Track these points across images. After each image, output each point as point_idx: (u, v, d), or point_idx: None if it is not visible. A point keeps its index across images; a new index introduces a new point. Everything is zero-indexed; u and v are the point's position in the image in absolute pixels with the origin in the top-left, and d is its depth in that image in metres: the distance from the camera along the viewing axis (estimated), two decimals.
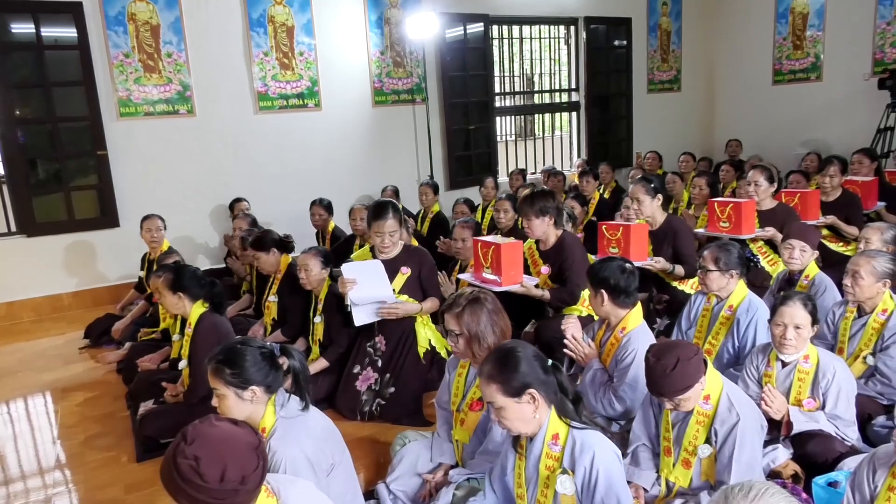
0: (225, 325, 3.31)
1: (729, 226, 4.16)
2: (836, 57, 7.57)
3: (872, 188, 4.88)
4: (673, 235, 3.94)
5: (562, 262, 3.63)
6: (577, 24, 7.97)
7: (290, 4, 6.10)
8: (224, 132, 5.98)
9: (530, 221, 3.66)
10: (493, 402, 1.91)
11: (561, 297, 3.60)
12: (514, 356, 1.93)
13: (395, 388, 3.43)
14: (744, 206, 4.11)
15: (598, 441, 1.91)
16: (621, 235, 3.81)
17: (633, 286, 2.85)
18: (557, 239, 3.71)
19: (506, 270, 3.41)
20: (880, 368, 2.87)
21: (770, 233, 4.16)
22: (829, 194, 4.74)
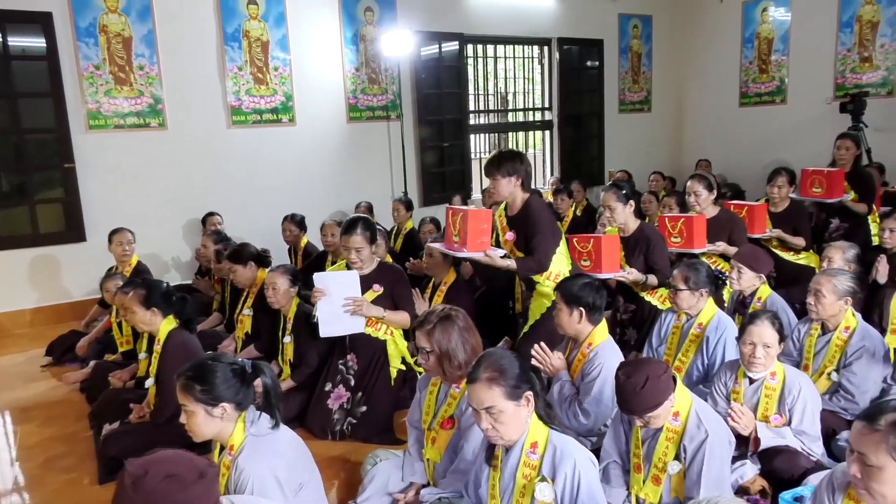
0: (194, 342, 3.25)
1: (681, 241, 4.15)
2: (799, 81, 7.80)
3: (838, 178, 4.88)
4: (645, 243, 3.88)
5: (528, 229, 3.45)
6: (551, 44, 8.10)
7: (265, 20, 6.09)
8: (196, 146, 5.92)
9: (497, 182, 3.49)
10: (493, 406, 1.90)
11: (528, 266, 3.43)
12: (510, 358, 1.97)
13: (366, 407, 3.39)
14: (695, 220, 4.12)
15: (576, 448, 1.94)
16: (592, 247, 3.73)
17: (604, 303, 2.93)
18: (524, 203, 3.52)
19: (471, 237, 3.30)
20: (844, 384, 2.94)
21: (721, 247, 4.20)
22: (777, 205, 4.79)
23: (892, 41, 6.88)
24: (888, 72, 6.95)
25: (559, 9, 7.97)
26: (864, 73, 7.16)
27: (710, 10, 8.60)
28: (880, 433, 1.60)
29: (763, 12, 8.07)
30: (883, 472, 1.60)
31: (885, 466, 1.59)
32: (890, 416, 1.61)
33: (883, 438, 1.59)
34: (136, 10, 5.53)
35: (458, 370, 2.34)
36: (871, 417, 1.64)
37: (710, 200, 4.37)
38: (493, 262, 3.38)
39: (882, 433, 1.60)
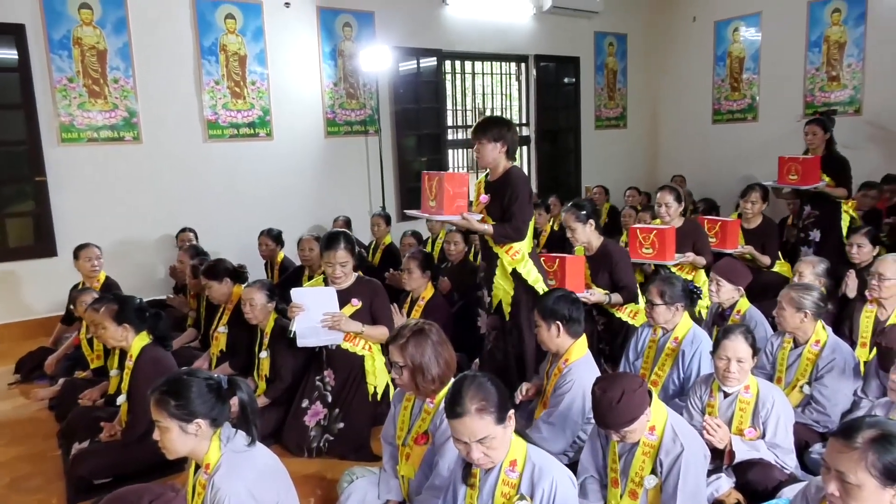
0: (168, 358, 3.20)
1: (652, 252, 4.20)
2: (770, 99, 7.98)
3: (814, 165, 4.94)
4: (609, 261, 3.92)
5: (507, 196, 3.43)
6: (528, 61, 8.19)
7: (243, 34, 6.08)
8: (172, 160, 5.87)
9: (482, 145, 3.46)
10: (487, 435, 1.86)
11: (505, 232, 3.42)
12: (485, 382, 1.94)
13: (344, 424, 3.36)
14: (666, 232, 4.17)
15: (555, 465, 1.94)
16: (557, 267, 3.75)
17: (582, 315, 2.95)
18: (505, 171, 3.50)
19: (448, 201, 3.29)
20: (815, 397, 2.98)
21: (690, 258, 4.26)
22: (750, 221, 4.88)
23: (858, 61, 7.08)
24: (855, 90, 7.14)
25: (536, 26, 8.07)
26: (832, 92, 7.35)
27: (683, 29, 8.78)
28: (858, 451, 1.60)
29: (734, 32, 8.25)
30: (862, 491, 1.59)
31: (863, 484, 1.59)
32: (867, 432, 1.61)
33: (861, 456, 1.59)
34: (112, 22, 5.49)
35: (431, 384, 2.33)
36: (848, 434, 1.63)
37: (678, 211, 4.45)
38: (469, 226, 3.39)
39: (860, 451, 1.59)
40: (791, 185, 5.03)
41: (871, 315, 3.47)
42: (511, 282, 3.54)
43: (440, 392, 2.38)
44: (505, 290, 3.55)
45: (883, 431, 1.61)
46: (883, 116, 6.86)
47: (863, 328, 3.49)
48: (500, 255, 3.50)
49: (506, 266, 3.50)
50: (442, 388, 2.38)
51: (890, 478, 1.58)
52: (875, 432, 1.61)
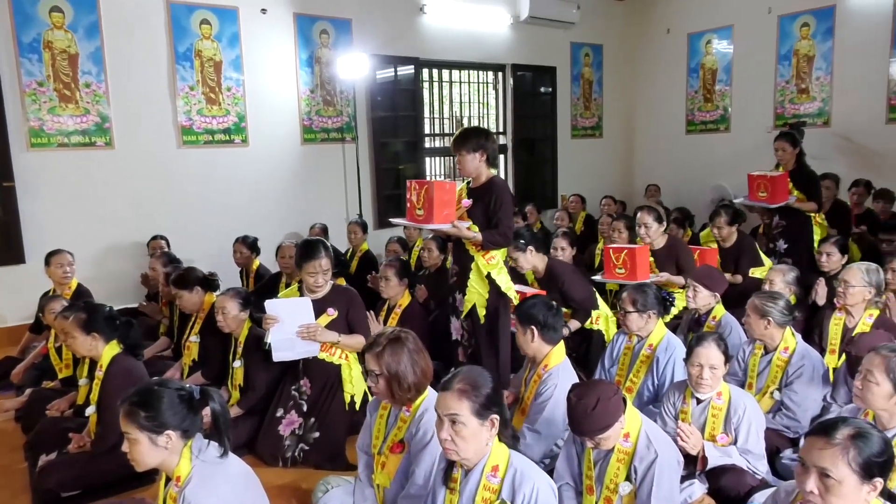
0: (139, 368, 3.15)
1: (625, 272, 4.24)
2: (742, 110, 8.13)
3: (782, 182, 5.02)
4: (557, 281, 4.01)
5: (491, 202, 3.51)
6: (505, 70, 8.25)
7: (218, 39, 6.04)
8: (145, 166, 5.78)
9: (463, 157, 3.53)
10: (458, 414, 1.90)
11: (493, 238, 3.50)
12: (486, 377, 1.97)
13: (319, 433, 3.33)
14: (637, 252, 4.22)
15: (537, 472, 1.95)
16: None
17: (560, 323, 2.99)
18: (488, 179, 3.59)
19: (437, 209, 3.33)
20: (786, 403, 3.03)
21: (664, 278, 4.31)
22: (725, 241, 4.87)
23: (826, 74, 7.24)
24: (824, 103, 7.30)
25: (513, 36, 8.13)
26: (801, 104, 7.51)
27: (657, 41, 8.91)
28: (839, 447, 1.65)
29: (707, 44, 8.40)
30: (842, 487, 1.64)
31: (844, 480, 1.64)
32: (845, 430, 1.67)
33: (843, 452, 1.64)
34: (84, 26, 5.41)
35: (407, 393, 2.33)
36: (828, 432, 1.68)
37: (659, 232, 4.51)
38: (460, 234, 3.44)
39: (841, 447, 1.65)
40: (761, 202, 5.09)
41: (840, 322, 3.55)
42: (486, 285, 3.58)
43: (416, 400, 2.38)
44: (479, 294, 3.59)
45: (860, 428, 1.68)
46: (850, 128, 7.02)
47: (832, 335, 3.56)
48: (476, 258, 3.53)
49: (480, 269, 3.55)
50: (418, 397, 2.38)
51: (868, 473, 1.65)
52: (853, 429, 1.68)
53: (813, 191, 5.16)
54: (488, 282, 3.58)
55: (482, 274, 3.56)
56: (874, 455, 1.65)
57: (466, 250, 3.59)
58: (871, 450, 1.65)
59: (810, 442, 1.72)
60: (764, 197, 5.04)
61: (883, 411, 2.26)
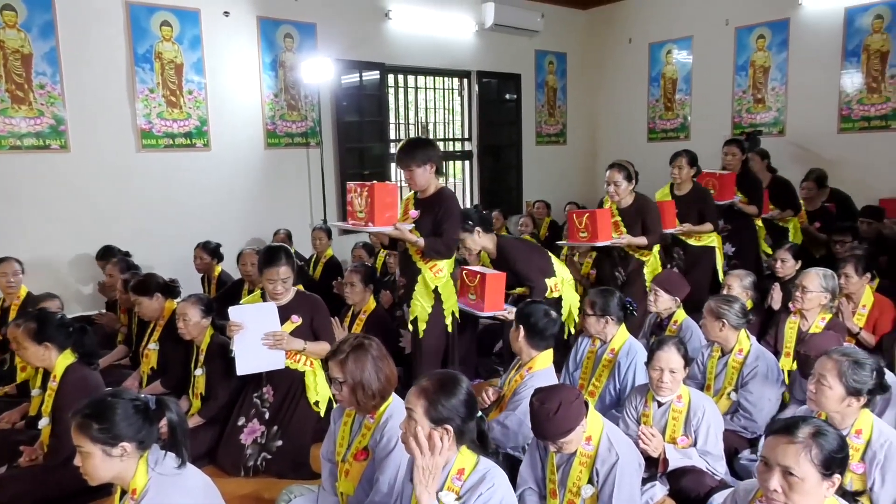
0: (95, 378, 3.06)
1: (587, 235, 4.27)
2: (701, 119, 8.32)
3: (729, 181, 5.21)
4: (508, 260, 3.93)
5: (439, 213, 3.46)
6: (470, 76, 8.29)
7: (179, 42, 5.93)
8: (102, 170, 5.64)
9: (412, 172, 3.45)
10: (412, 411, 1.91)
11: (436, 247, 3.43)
12: (456, 386, 1.94)
13: (282, 441, 3.28)
14: (598, 215, 4.25)
15: (499, 474, 1.94)
16: (478, 283, 3.73)
17: (550, 332, 2.98)
18: (437, 190, 3.54)
19: (379, 211, 3.28)
20: (742, 404, 3.11)
21: (625, 240, 4.35)
22: (680, 187, 5.00)
23: (781, 85, 7.47)
24: (779, 112, 7.52)
25: (478, 43, 8.19)
26: (758, 114, 7.72)
27: (619, 50, 9.07)
28: (801, 444, 1.70)
29: (668, 54, 8.58)
30: (805, 483, 1.68)
31: (807, 477, 1.68)
32: (806, 428, 1.72)
33: (804, 450, 1.69)
34: (38, 25, 5.25)
35: (371, 400, 2.31)
36: (790, 430, 1.73)
37: (628, 190, 4.47)
38: (402, 236, 3.39)
39: (802, 444, 1.69)
40: None
41: (795, 326, 3.65)
42: (431, 299, 3.55)
43: (381, 407, 2.36)
44: (422, 307, 3.56)
45: (819, 426, 1.74)
46: (804, 137, 7.24)
47: (787, 338, 3.66)
48: (424, 270, 3.50)
49: (427, 282, 3.52)
50: (382, 403, 2.36)
51: (828, 469, 1.70)
52: (813, 427, 1.73)
53: (755, 195, 5.35)
54: (434, 296, 3.55)
55: (429, 287, 3.53)
56: (834, 451, 1.71)
57: (414, 262, 3.55)
58: (830, 446, 1.71)
59: (773, 441, 1.76)
60: (713, 194, 5.18)
61: (835, 413, 2.33)
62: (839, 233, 5.15)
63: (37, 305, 4.00)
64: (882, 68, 6.63)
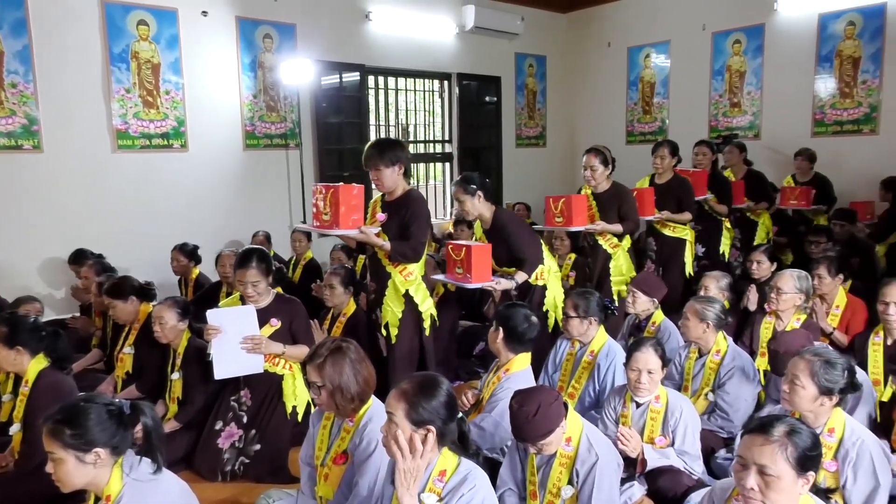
0: (68, 383, 3.01)
1: (563, 220, 4.29)
2: (678, 122, 8.41)
3: (701, 178, 5.31)
4: (504, 232, 3.84)
5: (407, 216, 3.41)
6: (451, 79, 8.30)
7: (156, 41, 5.86)
8: (76, 171, 5.55)
9: (379, 172, 3.37)
10: (393, 415, 1.90)
11: (402, 250, 3.37)
12: (436, 388, 1.94)
13: (260, 445, 3.25)
14: (574, 200, 4.29)
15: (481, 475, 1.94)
16: (464, 256, 3.66)
17: (529, 336, 2.99)
18: (404, 192, 3.48)
19: (344, 215, 3.21)
20: (719, 404, 3.15)
21: (600, 226, 4.38)
22: (661, 176, 5.09)
23: (757, 89, 7.58)
24: (754, 116, 7.63)
25: (459, 45, 8.20)
26: (734, 117, 7.83)
27: (598, 54, 9.14)
28: (777, 443, 1.72)
29: (646, 58, 8.67)
30: (781, 481, 1.71)
31: (782, 475, 1.71)
32: (781, 426, 1.75)
33: (781, 448, 1.71)
34: (9, 23, 5.15)
35: (350, 403, 2.30)
36: (765, 429, 1.76)
37: (604, 175, 4.49)
38: (367, 240, 3.33)
39: (778, 443, 1.72)
40: None
41: (770, 326, 3.70)
42: (401, 303, 3.50)
43: (360, 410, 2.35)
44: (393, 312, 3.51)
45: (793, 425, 1.77)
46: (778, 141, 7.35)
47: (762, 339, 3.71)
48: (393, 274, 3.45)
49: (398, 286, 3.47)
50: (362, 406, 2.35)
51: (803, 467, 1.73)
52: (788, 426, 1.76)
53: (724, 195, 5.46)
54: (405, 300, 3.51)
55: (399, 291, 3.48)
56: (808, 449, 1.73)
57: (384, 266, 3.50)
58: (805, 444, 1.74)
59: (749, 440, 1.78)
60: None
61: (809, 413, 2.36)
62: (814, 234, 5.25)
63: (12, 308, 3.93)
64: (854, 74, 6.76)
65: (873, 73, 6.63)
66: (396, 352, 3.57)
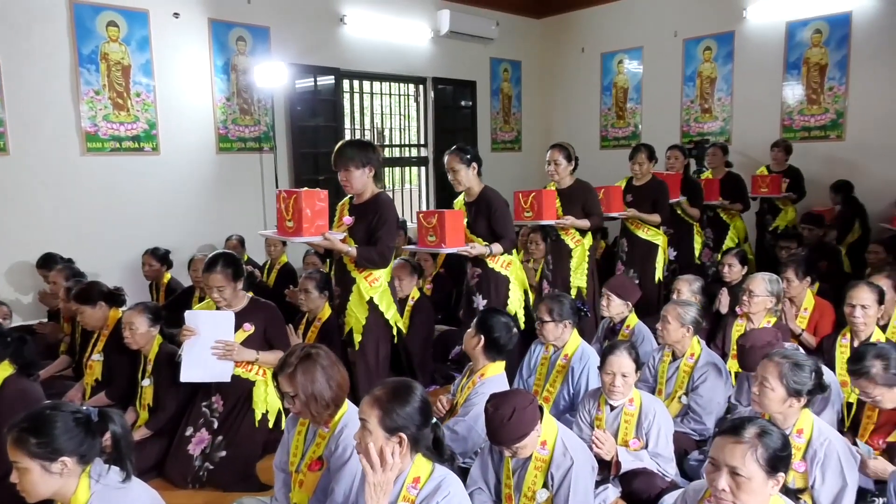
0: (35, 390, 2.94)
1: (532, 214, 4.33)
2: (651, 128, 8.52)
3: (675, 181, 5.39)
4: (487, 207, 3.84)
5: (375, 220, 3.31)
6: (426, 83, 8.30)
7: (126, 43, 5.77)
8: (44, 174, 5.43)
9: (349, 173, 3.28)
10: (367, 421, 1.89)
11: (370, 256, 3.26)
12: (410, 394, 1.93)
13: (226, 452, 3.19)
14: (544, 194, 4.33)
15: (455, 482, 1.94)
16: (437, 222, 3.62)
17: (509, 347, 2.98)
18: (373, 195, 3.38)
19: (308, 220, 3.09)
20: (692, 406, 3.18)
21: (569, 221, 4.39)
22: (640, 179, 5.15)
23: (727, 95, 7.71)
24: (725, 122, 7.77)
25: (434, 49, 8.21)
26: (705, 123, 7.96)
27: (572, 59, 9.22)
28: (747, 444, 1.74)
29: (619, 64, 8.77)
30: (751, 482, 1.73)
31: (753, 476, 1.73)
32: (752, 428, 1.77)
33: (750, 450, 1.73)
34: None
35: (326, 410, 2.28)
36: (736, 431, 1.78)
37: (568, 170, 4.53)
38: (332, 246, 3.21)
39: (749, 444, 1.74)
40: None
41: (742, 328, 3.75)
42: (365, 310, 3.39)
43: (336, 416, 2.33)
44: (357, 319, 3.39)
45: (764, 427, 1.79)
46: (748, 146, 7.49)
47: (734, 341, 3.76)
48: (359, 280, 3.35)
49: (363, 293, 3.36)
50: (337, 411, 2.33)
51: (773, 468, 1.75)
52: (758, 428, 1.78)
53: (696, 199, 5.55)
54: (369, 307, 3.39)
55: (363, 298, 3.36)
56: (778, 450, 1.76)
57: (349, 271, 3.39)
58: (775, 445, 1.76)
59: (720, 441, 1.81)
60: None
61: (778, 414, 2.40)
62: (785, 239, 5.37)
63: None
64: (821, 81, 6.92)
65: (839, 80, 6.79)
66: (360, 360, 3.45)
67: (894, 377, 2.51)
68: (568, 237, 4.54)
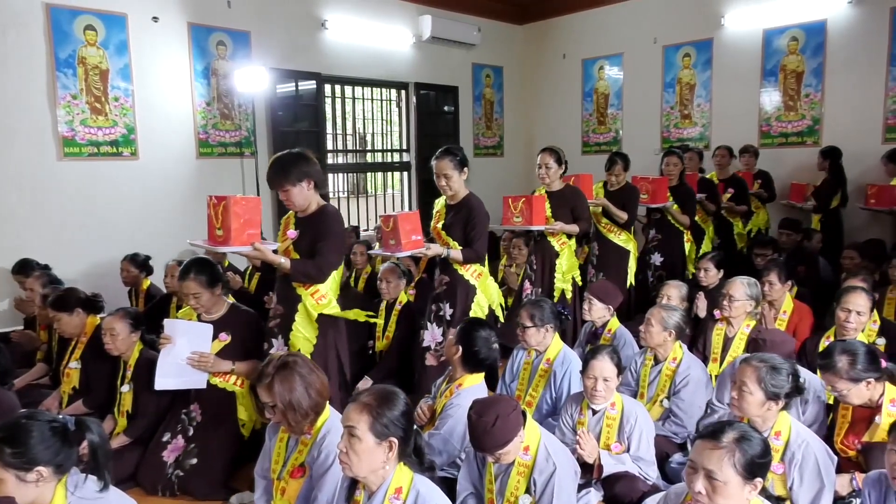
0: (9, 399, 2.90)
1: (522, 220, 4.36)
2: (632, 133, 8.60)
3: (662, 185, 5.39)
4: (468, 214, 3.78)
5: (318, 233, 3.08)
6: (408, 88, 8.31)
7: (104, 47, 5.70)
8: (20, 178, 5.34)
9: (288, 193, 3.05)
10: (355, 428, 1.86)
11: (305, 270, 3.02)
12: (396, 400, 1.93)
13: (197, 460, 3.13)
14: (534, 199, 4.37)
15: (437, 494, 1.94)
16: (393, 226, 3.51)
17: (488, 362, 2.94)
18: (319, 208, 3.17)
19: (237, 229, 2.86)
20: (674, 410, 3.21)
21: (558, 227, 4.43)
22: (614, 186, 5.18)
23: (706, 101, 7.81)
24: (704, 128, 7.87)
25: (416, 55, 8.22)
26: (685, 129, 8.05)
27: (554, 65, 9.29)
28: (724, 449, 1.76)
29: (600, 70, 8.85)
30: (728, 487, 1.75)
31: (729, 481, 1.74)
32: (730, 433, 1.79)
33: (728, 454, 1.75)
34: None
35: (305, 418, 2.26)
36: (715, 435, 1.80)
37: (558, 174, 4.58)
38: (262, 257, 2.95)
39: (726, 449, 1.76)
40: (642, 203, 5.41)
41: (721, 332, 3.80)
42: (315, 329, 3.14)
43: (317, 423, 2.32)
44: (305, 339, 3.14)
45: (744, 432, 1.81)
46: None
47: (714, 344, 3.81)
48: (304, 297, 3.10)
49: (310, 310, 3.11)
50: (318, 418, 2.32)
51: (751, 473, 1.76)
52: (738, 433, 1.80)
53: (689, 206, 5.56)
54: (318, 324, 3.15)
55: (311, 316, 3.11)
56: (757, 456, 1.78)
57: (293, 288, 3.13)
58: (753, 452, 1.78)
59: (699, 445, 1.82)
60: (645, 199, 5.36)
61: (757, 417, 2.43)
62: (760, 246, 5.42)
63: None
64: (798, 87, 7.03)
65: (815, 87, 6.91)
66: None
67: (860, 373, 2.56)
68: (554, 239, 4.57)
